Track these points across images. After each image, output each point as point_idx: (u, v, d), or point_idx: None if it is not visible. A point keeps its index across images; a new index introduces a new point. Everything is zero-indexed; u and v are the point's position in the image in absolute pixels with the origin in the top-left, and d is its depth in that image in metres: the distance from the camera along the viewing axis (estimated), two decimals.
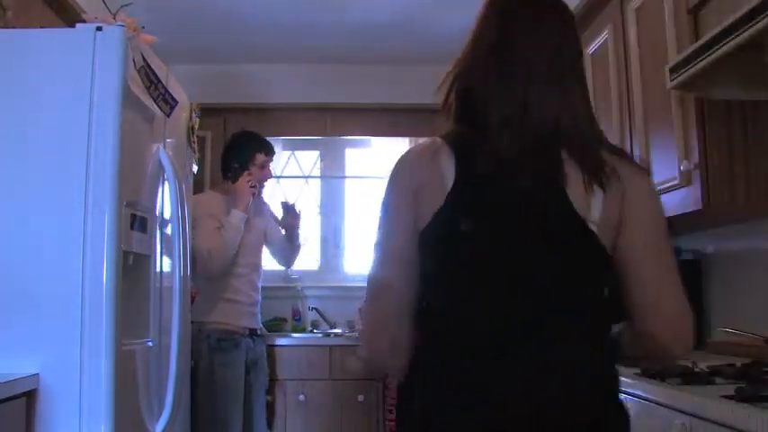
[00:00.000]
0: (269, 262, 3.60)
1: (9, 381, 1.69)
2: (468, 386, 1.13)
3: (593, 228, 1.13)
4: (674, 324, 1.18)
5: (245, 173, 3.19)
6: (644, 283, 1.17)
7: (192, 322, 3.02)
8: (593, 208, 1.13)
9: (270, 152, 3.32)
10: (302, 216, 3.53)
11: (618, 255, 1.17)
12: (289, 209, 3.47)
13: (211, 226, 3.04)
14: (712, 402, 1.38)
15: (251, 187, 3.17)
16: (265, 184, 3.39)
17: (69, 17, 2.73)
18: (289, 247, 3.52)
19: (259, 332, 3.29)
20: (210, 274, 3.04)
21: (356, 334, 3.60)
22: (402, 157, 1.28)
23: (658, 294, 1.18)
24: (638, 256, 1.17)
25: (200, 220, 3.02)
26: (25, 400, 1.76)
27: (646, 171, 1.27)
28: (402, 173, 1.23)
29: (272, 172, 3.40)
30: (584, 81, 1.28)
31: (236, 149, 3.28)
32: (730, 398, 1.37)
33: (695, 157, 2.07)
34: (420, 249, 1.19)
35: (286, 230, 3.49)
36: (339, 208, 4.73)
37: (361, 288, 4.41)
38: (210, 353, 3.01)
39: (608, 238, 1.15)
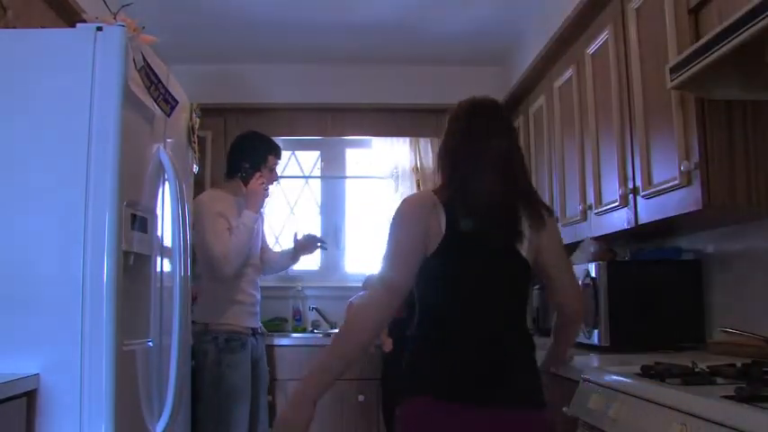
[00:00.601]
0: None
1: (9, 381, 1.69)
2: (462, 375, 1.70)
3: (524, 253, 1.79)
4: (580, 300, 2.03)
5: (257, 174, 3.17)
6: (567, 284, 1.96)
7: (196, 323, 3.04)
8: (524, 243, 1.79)
9: (279, 155, 3.33)
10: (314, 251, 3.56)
11: (544, 269, 1.88)
12: (315, 242, 3.49)
13: (223, 227, 3.04)
14: (712, 402, 1.38)
15: (260, 181, 3.17)
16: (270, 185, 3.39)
17: (70, 17, 2.73)
18: (281, 264, 3.54)
19: (260, 330, 3.30)
20: (225, 277, 3.03)
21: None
22: (416, 201, 1.85)
23: (576, 288, 2.05)
24: (559, 269, 1.92)
25: (209, 220, 3.02)
26: (26, 400, 1.76)
27: (554, 218, 1.96)
28: (420, 213, 1.76)
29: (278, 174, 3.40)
30: (525, 165, 1.94)
31: (247, 150, 3.25)
32: (730, 398, 1.37)
33: (695, 157, 2.07)
34: (430, 268, 1.74)
35: (296, 252, 3.49)
36: (339, 208, 4.73)
37: (360, 288, 4.43)
38: (219, 353, 3.01)
39: (530, 260, 1.81)
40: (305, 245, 3.49)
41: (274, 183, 3.34)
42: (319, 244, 3.52)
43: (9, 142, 1.93)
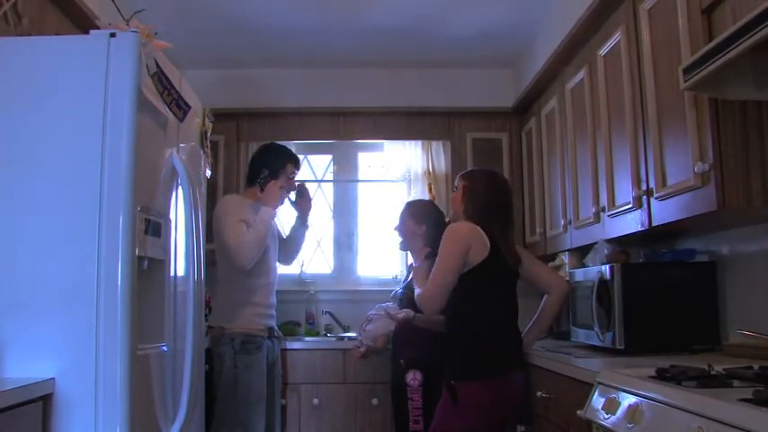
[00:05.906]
0: (282, 266, 3.64)
1: (25, 385, 1.70)
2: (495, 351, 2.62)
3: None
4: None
5: (274, 181, 3.26)
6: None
7: (212, 327, 3.09)
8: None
9: (299, 165, 3.44)
10: (312, 200, 3.63)
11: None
12: (302, 191, 3.56)
13: (240, 221, 3.10)
14: (730, 406, 1.37)
15: (280, 188, 3.26)
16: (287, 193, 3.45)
17: (83, 24, 2.75)
18: (296, 239, 3.59)
19: (276, 334, 3.35)
20: (240, 268, 3.08)
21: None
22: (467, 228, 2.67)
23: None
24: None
25: (228, 217, 3.09)
26: (41, 404, 1.77)
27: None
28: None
29: (295, 184, 3.48)
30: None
31: (268, 158, 3.35)
32: (748, 401, 1.36)
33: (710, 158, 2.05)
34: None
35: (300, 212, 3.56)
36: (352, 211, 4.73)
37: (373, 292, 4.47)
38: (234, 355, 3.06)
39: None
40: (299, 197, 3.54)
41: (291, 191, 3.43)
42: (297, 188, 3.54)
43: (24, 148, 1.95)
